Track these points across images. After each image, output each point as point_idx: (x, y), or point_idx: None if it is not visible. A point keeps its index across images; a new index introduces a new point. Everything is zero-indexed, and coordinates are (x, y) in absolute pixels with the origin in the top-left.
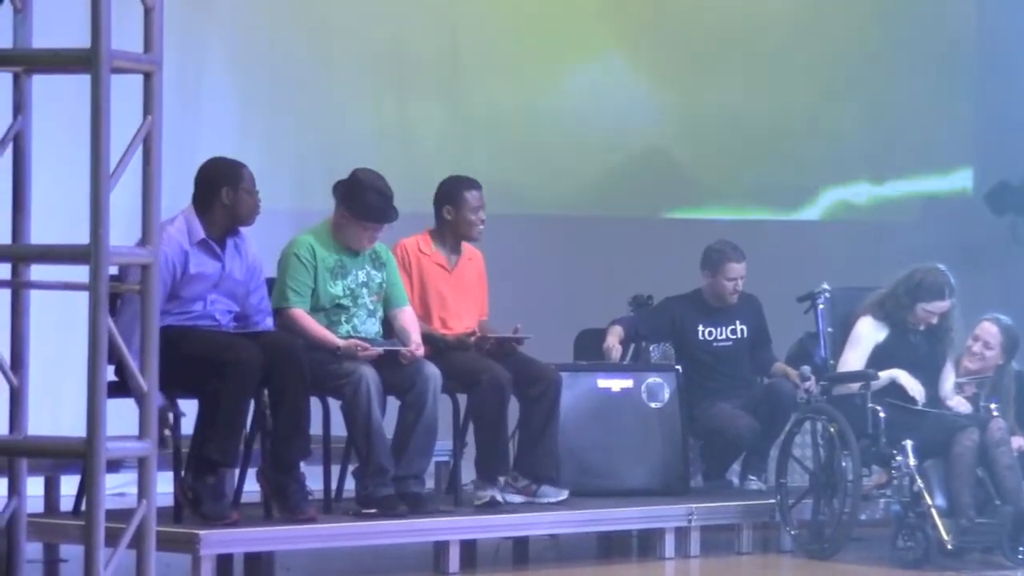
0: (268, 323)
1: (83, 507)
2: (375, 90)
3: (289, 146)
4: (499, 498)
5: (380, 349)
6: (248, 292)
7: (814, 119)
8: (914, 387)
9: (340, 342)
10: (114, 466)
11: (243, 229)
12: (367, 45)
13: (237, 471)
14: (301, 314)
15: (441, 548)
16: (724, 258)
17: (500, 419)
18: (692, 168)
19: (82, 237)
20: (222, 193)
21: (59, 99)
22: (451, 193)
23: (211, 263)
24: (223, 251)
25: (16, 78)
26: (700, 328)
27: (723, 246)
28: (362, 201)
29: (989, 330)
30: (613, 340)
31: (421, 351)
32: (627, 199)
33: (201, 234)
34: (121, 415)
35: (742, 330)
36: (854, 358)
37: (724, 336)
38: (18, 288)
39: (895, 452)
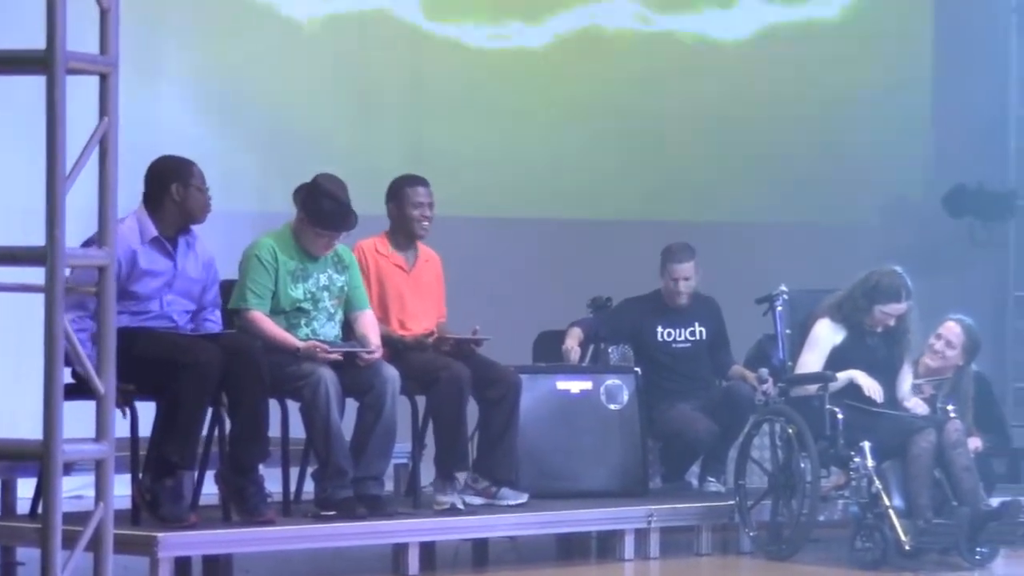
0: (216, 316)
1: (40, 510)
2: (337, 91)
3: (249, 147)
4: (459, 505)
5: (339, 352)
6: (204, 289)
7: (771, 121)
8: (872, 387)
9: (300, 343)
10: (70, 468)
11: (200, 230)
12: (328, 44)
13: (195, 473)
14: (260, 316)
15: (400, 550)
16: (667, 259)
17: (459, 416)
18: (651, 169)
19: (38, 239)
20: (172, 190)
21: (14, 100)
22: (394, 190)
23: (163, 261)
24: (175, 249)
25: None
26: (659, 329)
27: (670, 247)
28: (318, 207)
29: (953, 330)
30: (572, 342)
31: (380, 354)
32: (586, 201)
33: (153, 232)
34: (78, 417)
35: (701, 332)
36: (812, 360)
37: (683, 338)
38: None
39: (853, 453)
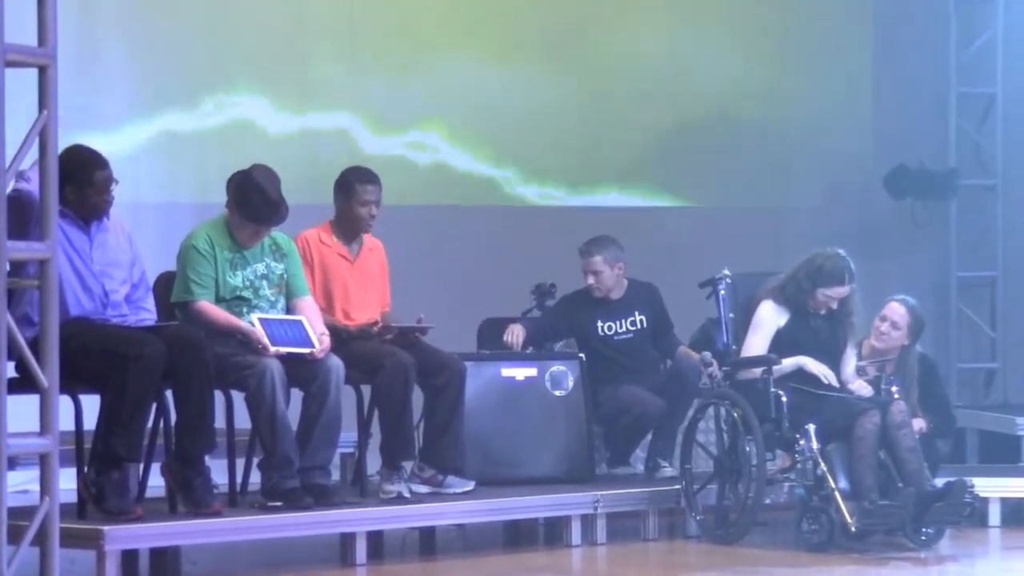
0: (150, 304)
1: None
2: (275, 81)
3: (189, 139)
4: (406, 493)
5: (284, 351)
6: (133, 260)
7: (714, 105)
8: (825, 373)
9: (247, 326)
10: (14, 463)
11: (140, 223)
12: (267, 34)
13: (141, 465)
14: (207, 305)
15: (348, 540)
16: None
17: (404, 402)
18: (593, 155)
19: None
20: (67, 189)
21: None
22: (344, 184)
23: (76, 232)
24: (87, 225)
25: None
26: (599, 324)
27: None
28: (247, 201)
29: (897, 310)
30: (517, 335)
31: (327, 341)
32: (528, 187)
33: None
34: (23, 411)
35: (641, 320)
36: (757, 342)
37: (624, 329)
38: None
39: (798, 436)
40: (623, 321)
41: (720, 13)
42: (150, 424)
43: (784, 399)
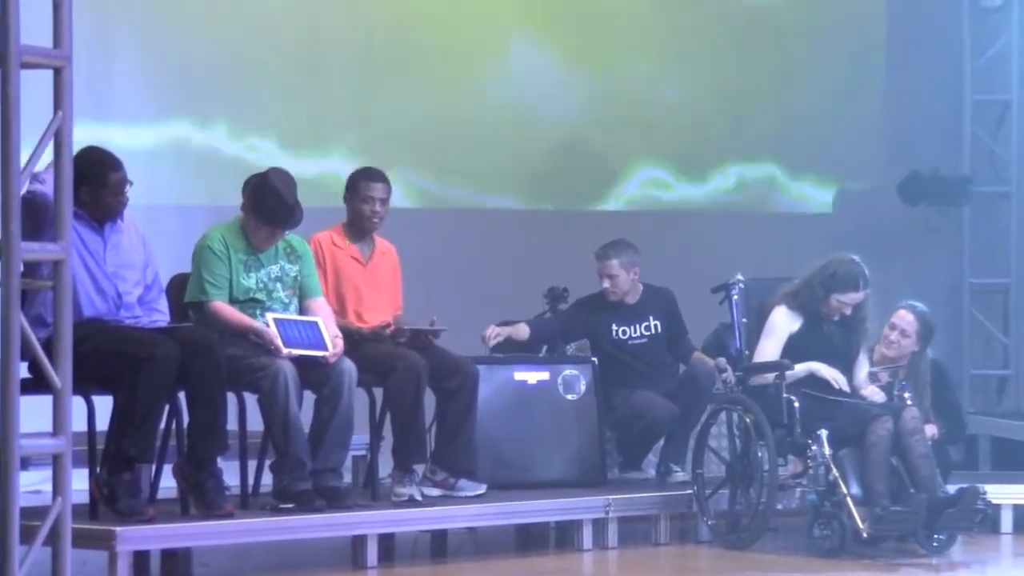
0: (163, 306)
1: None
2: (288, 85)
3: (201, 141)
4: (417, 496)
5: (296, 353)
6: (146, 262)
7: (724, 110)
8: (838, 378)
9: (261, 326)
10: (27, 463)
11: (154, 225)
12: (280, 39)
13: (153, 467)
14: (221, 306)
15: (359, 542)
16: (596, 257)
17: (416, 405)
18: (606, 160)
19: None
20: (82, 191)
21: None
22: (351, 182)
23: (90, 233)
24: (101, 226)
25: None
26: (613, 328)
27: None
28: (262, 203)
29: (905, 318)
30: (493, 332)
31: (340, 344)
32: (542, 192)
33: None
34: (36, 412)
35: (655, 325)
36: (769, 347)
37: (638, 333)
38: None
39: (810, 442)
40: (637, 325)
41: (731, 19)
42: (162, 425)
43: (796, 404)
